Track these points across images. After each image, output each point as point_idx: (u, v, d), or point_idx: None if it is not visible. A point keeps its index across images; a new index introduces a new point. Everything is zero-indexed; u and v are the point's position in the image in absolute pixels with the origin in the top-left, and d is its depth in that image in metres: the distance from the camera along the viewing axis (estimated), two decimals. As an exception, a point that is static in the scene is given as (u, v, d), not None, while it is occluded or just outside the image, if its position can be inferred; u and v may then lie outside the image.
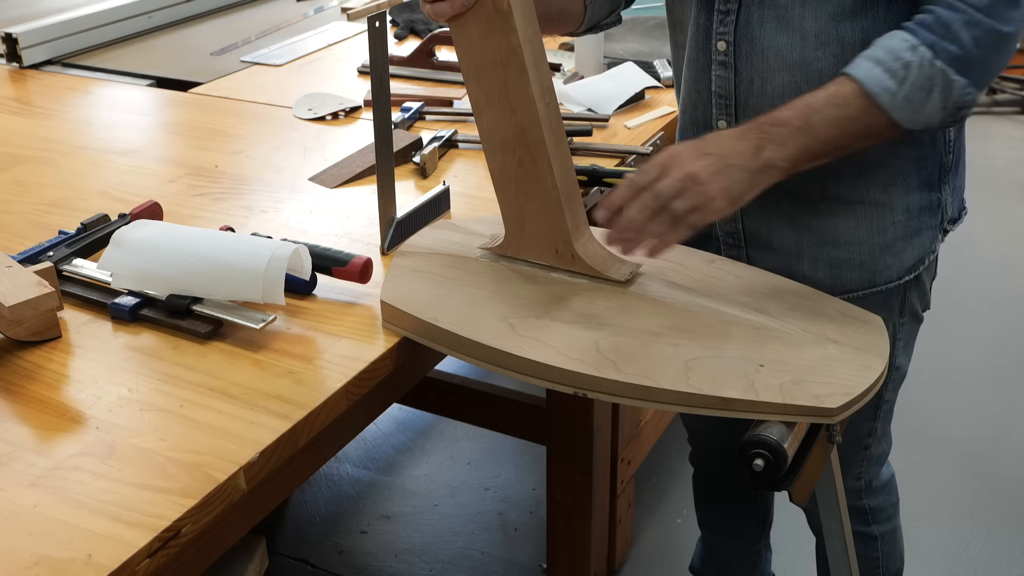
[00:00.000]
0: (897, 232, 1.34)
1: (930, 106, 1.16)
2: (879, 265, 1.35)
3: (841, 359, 1.09)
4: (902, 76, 1.15)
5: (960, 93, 1.16)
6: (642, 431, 2.13)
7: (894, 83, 1.15)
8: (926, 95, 1.15)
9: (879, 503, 1.60)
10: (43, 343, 1.17)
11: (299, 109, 1.88)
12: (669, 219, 1.14)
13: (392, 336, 1.18)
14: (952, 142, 1.33)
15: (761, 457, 1.02)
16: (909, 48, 1.15)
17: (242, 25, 2.48)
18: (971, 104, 1.17)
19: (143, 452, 0.99)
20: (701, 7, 1.31)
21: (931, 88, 1.15)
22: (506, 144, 1.23)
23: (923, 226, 1.35)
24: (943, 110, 1.17)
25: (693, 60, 1.36)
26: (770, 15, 1.25)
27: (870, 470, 1.56)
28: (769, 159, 1.16)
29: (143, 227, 1.26)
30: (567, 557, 2.04)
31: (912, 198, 1.33)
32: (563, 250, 1.25)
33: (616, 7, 1.53)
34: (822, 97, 1.17)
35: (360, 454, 2.56)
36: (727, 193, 1.15)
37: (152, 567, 0.89)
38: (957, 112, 1.17)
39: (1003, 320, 3.05)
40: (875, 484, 1.58)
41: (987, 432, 2.57)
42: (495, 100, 1.21)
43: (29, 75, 2.15)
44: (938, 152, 1.33)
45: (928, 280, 1.43)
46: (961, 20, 1.13)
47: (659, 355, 1.10)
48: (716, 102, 1.34)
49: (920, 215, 1.34)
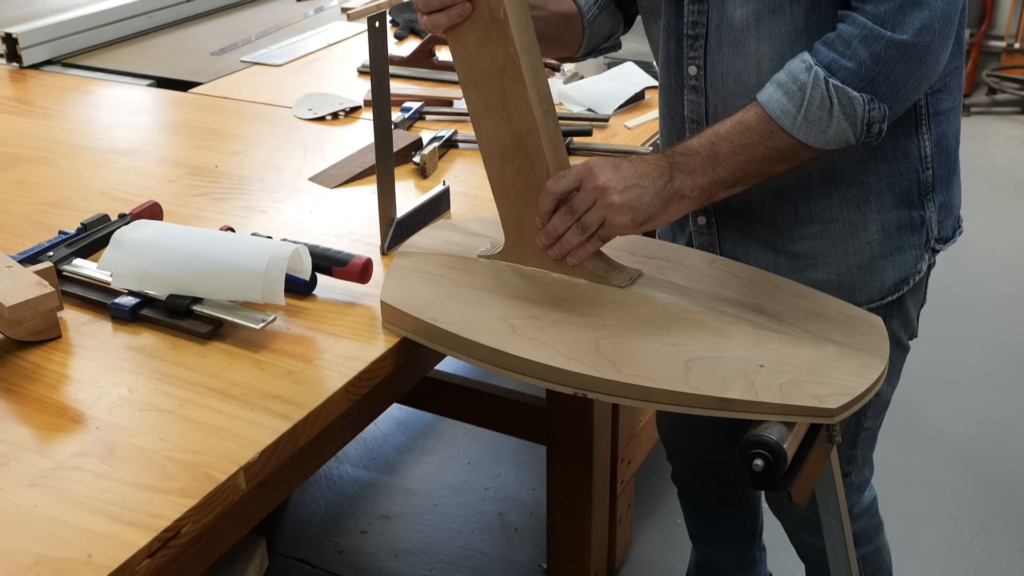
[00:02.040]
0: (874, 251, 1.32)
1: (835, 125, 1.15)
2: (857, 284, 1.33)
3: (841, 359, 1.09)
4: (800, 98, 1.15)
5: (865, 109, 1.14)
6: (642, 431, 2.13)
7: (792, 106, 1.15)
8: (828, 115, 1.14)
9: (861, 527, 1.58)
10: (43, 343, 1.17)
11: (299, 109, 1.88)
12: (581, 231, 1.19)
13: (392, 336, 1.18)
14: (929, 158, 1.30)
15: (761, 457, 1.02)
16: (805, 69, 1.15)
17: (242, 25, 2.48)
18: (882, 119, 1.15)
19: (143, 452, 0.99)
20: (670, 33, 1.31)
21: (831, 107, 1.14)
22: (504, 152, 1.23)
23: (904, 244, 1.33)
24: (853, 127, 1.15)
25: (666, 86, 1.36)
26: (727, 39, 1.25)
27: (850, 498, 1.53)
28: (679, 188, 1.18)
29: (143, 227, 1.26)
30: (567, 557, 2.04)
31: (887, 216, 1.31)
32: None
33: (615, 32, 1.53)
34: (730, 124, 1.18)
35: (360, 454, 2.56)
36: (633, 211, 1.17)
37: (152, 567, 0.89)
38: (869, 128, 1.15)
39: (1003, 320, 3.05)
40: (856, 511, 1.56)
41: (987, 432, 2.57)
42: (493, 108, 1.21)
43: (29, 75, 2.15)
44: (913, 168, 1.30)
45: (913, 306, 1.39)
46: (859, 36, 1.12)
47: (659, 355, 1.10)
48: (689, 127, 1.33)
49: (899, 233, 1.32)
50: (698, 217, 1.39)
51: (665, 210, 1.18)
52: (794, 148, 1.17)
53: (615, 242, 1.31)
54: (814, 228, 1.32)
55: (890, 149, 1.29)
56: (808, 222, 1.32)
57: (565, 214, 1.20)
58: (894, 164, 1.30)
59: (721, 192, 1.20)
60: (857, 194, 1.30)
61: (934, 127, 1.29)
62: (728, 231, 1.38)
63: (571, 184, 1.19)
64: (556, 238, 1.21)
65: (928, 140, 1.29)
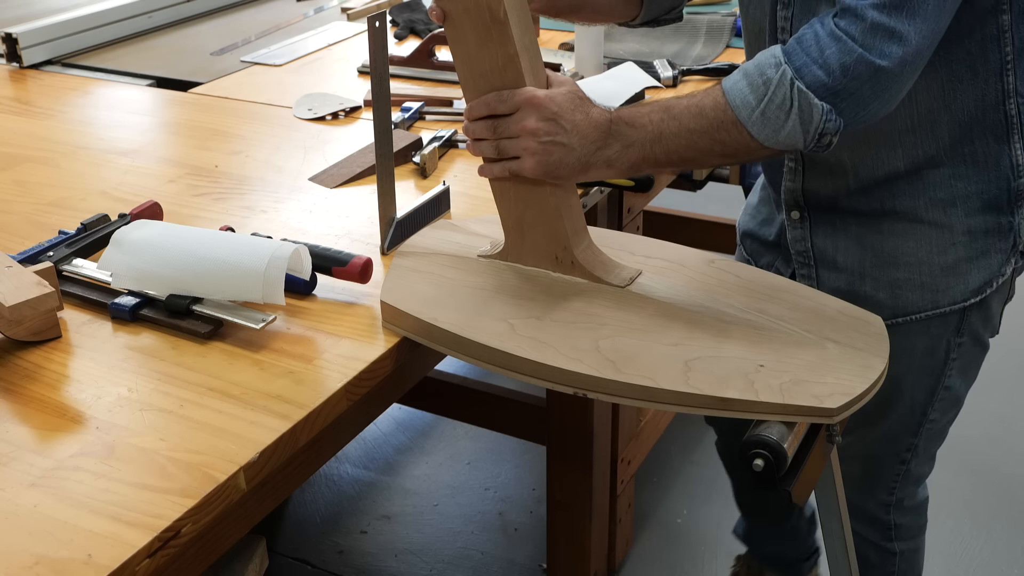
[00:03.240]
0: (959, 253, 1.32)
1: (790, 127, 1.13)
2: (941, 286, 1.33)
3: (841, 359, 1.09)
4: (763, 92, 1.13)
5: (822, 119, 1.12)
6: (642, 431, 2.13)
7: (754, 99, 1.14)
8: (785, 115, 1.13)
9: (906, 522, 1.57)
10: (43, 343, 1.17)
11: (299, 109, 1.88)
12: (494, 149, 1.20)
13: (392, 336, 1.18)
14: (1021, 167, 1.29)
15: (761, 457, 1.02)
16: (775, 65, 1.13)
17: (242, 25, 2.47)
18: (835, 132, 1.13)
19: (143, 452, 0.99)
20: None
21: (790, 109, 1.12)
22: None
23: (990, 248, 1.32)
24: (805, 134, 1.14)
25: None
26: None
27: (906, 488, 1.53)
28: (607, 157, 1.18)
29: (143, 227, 1.26)
30: (567, 557, 2.04)
31: (974, 220, 1.31)
32: (563, 256, 1.25)
33: (678, 4, 1.51)
34: (685, 104, 1.17)
35: (360, 454, 2.56)
36: (547, 165, 1.18)
37: (152, 567, 0.89)
38: (820, 139, 1.14)
39: (1003, 320, 3.05)
40: (907, 503, 1.55)
41: (987, 432, 2.57)
42: None
43: (29, 75, 2.15)
44: (1004, 176, 1.29)
45: (998, 304, 1.39)
46: (836, 48, 1.10)
47: (659, 355, 1.10)
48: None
49: (986, 238, 1.31)
50: (792, 212, 1.40)
51: (584, 173, 1.19)
52: (739, 143, 1.16)
53: (615, 242, 1.32)
54: (901, 225, 1.33)
55: (981, 156, 1.28)
56: (895, 218, 1.33)
57: (488, 127, 1.20)
58: (984, 171, 1.29)
59: (647, 169, 1.20)
60: (944, 197, 1.30)
61: None
62: (820, 225, 1.39)
63: (507, 109, 1.18)
64: (473, 139, 1.22)
65: (1021, 148, 1.28)
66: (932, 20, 1.10)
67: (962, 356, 1.40)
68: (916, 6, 1.08)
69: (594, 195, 1.57)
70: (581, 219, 1.27)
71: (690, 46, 2.15)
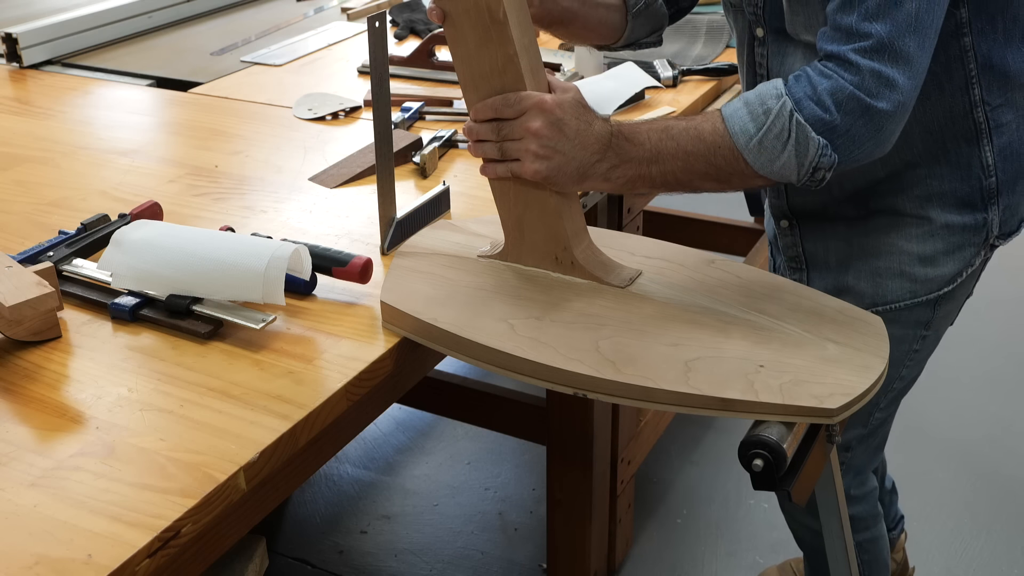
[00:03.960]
0: (937, 246, 1.35)
1: (785, 158, 1.15)
2: (919, 276, 1.36)
3: (841, 359, 1.10)
4: (762, 122, 1.15)
5: (817, 153, 1.14)
6: (642, 431, 2.13)
7: (753, 127, 1.15)
8: (782, 146, 1.14)
9: (858, 512, 1.58)
10: (43, 343, 1.17)
11: (299, 109, 1.88)
12: (498, 150, 1.21)
13: (392, 336, 1.18)
14: (992, 167, 1.32)
15: (760, 457, 1.02)
16: (776, 96, 1.15)
17: (242, 25, 2.47)
18: (829, 168, 1.15)
19: (143, 452, 0.99)
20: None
21: (787, 140, 1.14)
22: None
23: (966, 243, 1.36)
24: (799, 166, 1.15)
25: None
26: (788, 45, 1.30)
27: (845, 478, 1.53)
28: (604, 172, 1.19)
29: (143, 227, 1.26)
30: (567, 557, 2.04)
31: (951, 216, 1.34)
32: (563, 257, 1.25)
33: (658, 28, 1.53)
34: (684, 125, 1.18)
35: (360, 454, 2.56)
36: (548, 170, 1.18)
37: (152, 567, 0.89)
38: (815, 173, 1.15)
39: (1003, 320, 3.05)
40: (854, 493, 1.56)
41: (987, 432, 2.57)
42: None
43: (29, 75, 2.15)
44: (975, 176, 1.33)
45: (962, 296, 1.43)
46: (827, 86, 1.12)
47: (659, 355, 1.10)
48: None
49: (963, 232, 1.35)
50: (780, 221, 1.45)
51: (579, 183, 1.20)
52: (735, 169, 1.17)
53: (615, 242, 1.32)
54: (885, 220, 1.36)
55: (953, 157, 1.32)
56: (879, 215, 1.37)
57: (493, 129, 1.20)
58: (957, 171, 1.33)
59: (642, 188, 1.21)
60: (921, 194, 1.34)
61: (996, 139, 1.31)
62: (810, 231, 1.44)
63: (513, 113, 1.19)
64: (475, 140, 1.23)
65: (990, 151, 1.31)
66: (919, 60, 1.13)
67: (923, 348, 1.44)
68: (901, 49, 1.11)
69: (594, 195, 1.57)
70: (581, 219, 1.27)
71: (690, 46, 2.15)
